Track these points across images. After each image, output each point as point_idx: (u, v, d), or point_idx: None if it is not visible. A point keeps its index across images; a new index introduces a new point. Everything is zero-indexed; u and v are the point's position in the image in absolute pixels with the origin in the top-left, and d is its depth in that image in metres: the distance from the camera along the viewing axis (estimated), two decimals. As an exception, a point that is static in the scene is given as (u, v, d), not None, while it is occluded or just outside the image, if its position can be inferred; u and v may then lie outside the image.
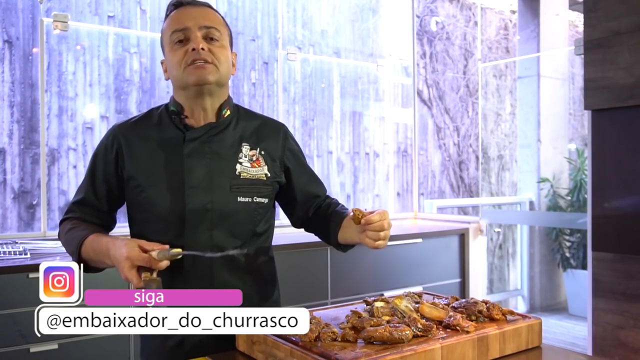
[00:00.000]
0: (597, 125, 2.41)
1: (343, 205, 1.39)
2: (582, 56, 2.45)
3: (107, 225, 1.34)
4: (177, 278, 1.23)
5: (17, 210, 2.78)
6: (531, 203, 5.00)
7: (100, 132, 3.01)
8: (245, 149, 1.30)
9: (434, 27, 4.79)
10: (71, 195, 2.90)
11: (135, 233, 1.30)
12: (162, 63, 1.33)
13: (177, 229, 1.23)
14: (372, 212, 1.16)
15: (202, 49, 1.21)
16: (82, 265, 1.15)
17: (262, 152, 1.31)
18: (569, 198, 4.87)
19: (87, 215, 1.29)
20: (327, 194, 1.46)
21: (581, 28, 3.10)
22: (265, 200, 1.31)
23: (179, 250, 1.10)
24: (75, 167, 2.93)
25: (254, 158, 1.30)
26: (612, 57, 2.31)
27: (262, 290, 1.34)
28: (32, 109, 2.80)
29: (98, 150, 1.31)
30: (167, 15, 1.30)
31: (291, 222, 1.46)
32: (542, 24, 4.92)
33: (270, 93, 3.62)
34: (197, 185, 1.23)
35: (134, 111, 3.11)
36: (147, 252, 1.08)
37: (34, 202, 2.81)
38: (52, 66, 2.86)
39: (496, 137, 5.23)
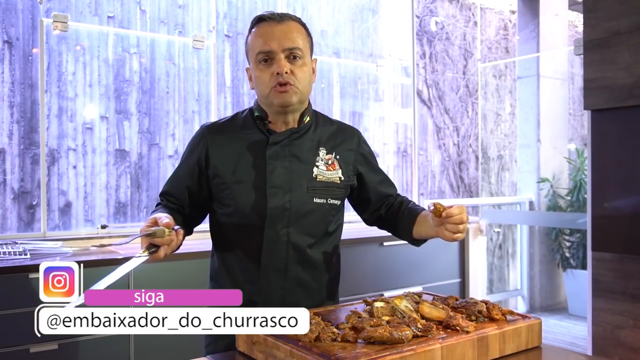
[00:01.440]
0: (597, 125, 2.41)
1: (414, 202, 1.49)
2: (582, 56, 2.46)
3: (189, 218, 1.41)
4: (254, 273, 1.34)
5: (17, 211, 2.78)
6: (531, 203, 5.00)
7: (100, 132, 3.01)
8: (322, 153, 1.40)
9: (434, 27, 4.79)
10: (71, 195, 2.91)
11: (216, 225, 1.42)
12: (247, 70, 1.42)
13: (256, 224, 1.33)
14: (451, 207, 1.24)
15: (286, 72, 1.31)
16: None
17: (337, 157, 1.41)
18: (569, 198, 4.87)
19: (170, 204, 1.40)
20: (396, 191, 1.54)
21: (581, 28, 3.12)
22: (338, 202, 1.41)
23: (162, 230, 1.13)
24: (75, 167, 2.93)
25: (330, 162, 1.40)
26: (611, 57, 2.31)
27: (328, 285, 1.44)
28: (32, 110, 2.80)
29: (187, 149, 1.43)
30: (251, 28, 1.38)
31: (364, 220, 1.56)
32: (542, 24, 4.93)
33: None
34: (278, 185, 1.33)
35: (133, 112, 3.12)
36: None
37: (34, 203, 2.81)
38: (52, 66, 2.86)
39: (496, 137, 5.23)
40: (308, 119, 1.41)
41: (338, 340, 1.04)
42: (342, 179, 1.40)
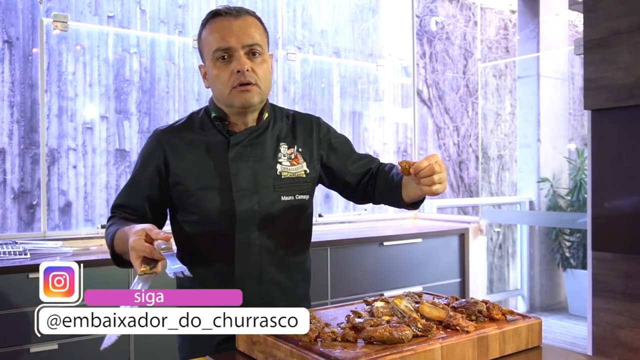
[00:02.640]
0: (597, 125, 2.41)
1: (397, 167, 1.39)
2: (582, 56, 2.45)
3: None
4: (228, 280, 1.28)
5: (17, 211, 2.78)
6: (531, 203, 5.00)
7: (100, 132, 3.01)
8: (284, 148, 1.35)
9: (434, 27, 4.79)
10: (71, 195, 2.91)
11: (181, 235, 1.35)
12: (200, 68, 1.36)
13: (225, 231, 1.27)
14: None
15: (247, 70, 1.25)
16: (116, 261, 1.23)
17: (300, 150, 1.36)
18: (569, 198, 4.87)
19: (128, 215, 1.31)
20: (377, 163, 1.44)
21: (581, 28, 3.12)
22: (306, 197, 1.36)
23: (169, 247, 1.06)
24: (75, 167, 2.93)
25: (292, 156, 1.35)
26: (611, 57, 2.31)
27: (300, 285, 1.40)
28: (32, 109, 2.80)
29: (142, 156, 1.34)
30: (205, 23, 1.31)
31: (355, 202, 1.48)
32: (542, 23, 4.92)
33: (270, 93, 3.62)
34: (244, 187, 1.28)
35: (133, 111, 3.12)
36: (152, 242, 1.06)
37: (34, 202, 2.81)
38: (52, 66, 2.86)
39: (496, 137, 5.23)
40: (267, 115, 1.36)
41: (338, 340, 1.04)
42: (308, 172, 1.35)
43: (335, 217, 3.74)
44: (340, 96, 4.00)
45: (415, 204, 1.33)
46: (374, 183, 1.40)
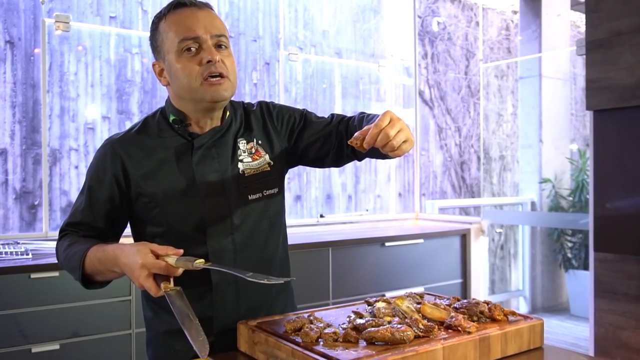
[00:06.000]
0: (599, 125, 2.41)
1: (353, 118, 1.30)
2: (584, 56, 2.45)
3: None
4: (203, 290, 1.21)
5: (18, 211, 2.78)
6: (533, 203, 5.00)
7: (102, 132, 3.01)
8: (242, 144, 1.27)
9: (436, 27, 4.79)
10: (73, 195, 2.91)
11: None
12: (154, 65, 1.23)
13: (197, 239, 1.20)
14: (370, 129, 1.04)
15: (218, 60, 1.15)
16: (84, 280, 1.15)
17: (260, 142, 1.29)
18: (571, 198, 4.87)
19: (85, 232, 1.22)
20: (331, 117, 1.36)
21: (583, 28, 3.11)
22: (275, 190, 1.29)
23: (202, 261, 1.04)
24: (77, 167, 2.94)
25: (253, 150, 1.27)
26: (613, 57, 2.31)
27: (286, 286, 1.35)
28: (33, 110, 2.81)
29: (95, 169, 1.23)
30: (165, 14, 1.20)
31: (342, 164, 1.37)
32: (544, 24, 4.92)
33: (272, 93, 3.63)
34: (212, 192, 1.20)
35: (135, 112, 3.12)
36: (159, 257, 1.04)
37: (36, 203, 2.81)
38: (53, 67, 2.87)
39: (498, 137, 5.22)
40: (228, 113, 1.27)
41: (340, 340, 1.04)
42: (272, 163, 1.28)
43: (336, 218, 3.74)
44: (342, 97, 4.00)
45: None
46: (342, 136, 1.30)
